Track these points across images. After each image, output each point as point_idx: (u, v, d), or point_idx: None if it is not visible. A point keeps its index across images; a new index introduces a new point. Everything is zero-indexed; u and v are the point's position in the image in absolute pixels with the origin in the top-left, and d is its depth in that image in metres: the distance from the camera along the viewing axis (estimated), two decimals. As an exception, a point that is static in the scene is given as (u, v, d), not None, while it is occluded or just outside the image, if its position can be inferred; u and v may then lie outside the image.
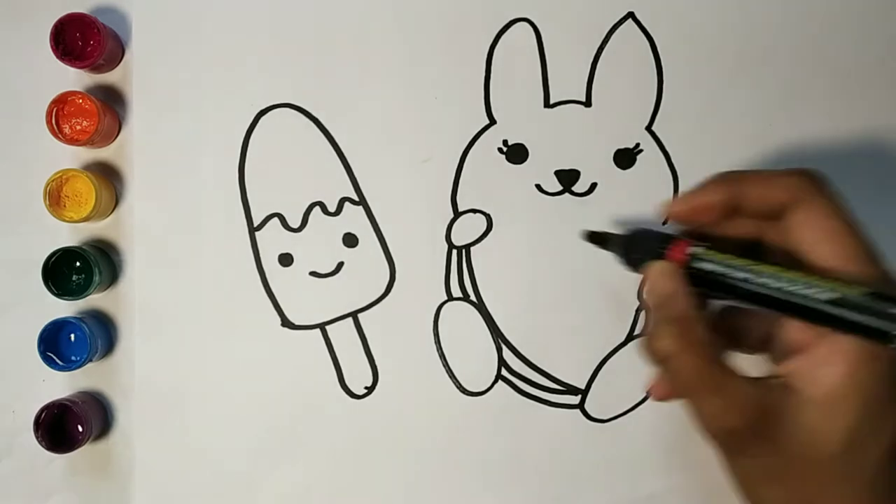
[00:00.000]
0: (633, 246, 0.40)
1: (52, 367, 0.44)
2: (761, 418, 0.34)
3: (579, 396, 0.46)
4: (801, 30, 0.46)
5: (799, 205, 0.35)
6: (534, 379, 0.46)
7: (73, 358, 0.44)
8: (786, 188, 0.35)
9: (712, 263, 0.36)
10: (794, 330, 0.36)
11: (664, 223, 0.46)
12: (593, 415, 0.46)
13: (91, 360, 0.44)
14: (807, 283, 0.34)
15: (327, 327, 0.46)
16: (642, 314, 0.46)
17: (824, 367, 0.33)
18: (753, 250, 0.38)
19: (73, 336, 0.44)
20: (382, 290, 0.46)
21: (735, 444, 0.35)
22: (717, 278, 0.36)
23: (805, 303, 0.34)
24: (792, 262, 0.36)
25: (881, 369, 0.33)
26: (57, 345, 0.44)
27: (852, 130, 0.46)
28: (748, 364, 0.38)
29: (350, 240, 0.46)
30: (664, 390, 0.40)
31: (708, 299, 0.38)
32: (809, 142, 0.46)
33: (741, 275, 0.36)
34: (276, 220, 0.46)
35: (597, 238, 0.43)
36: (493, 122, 0.46)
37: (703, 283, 0.37)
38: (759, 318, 0.39)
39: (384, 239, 0.46)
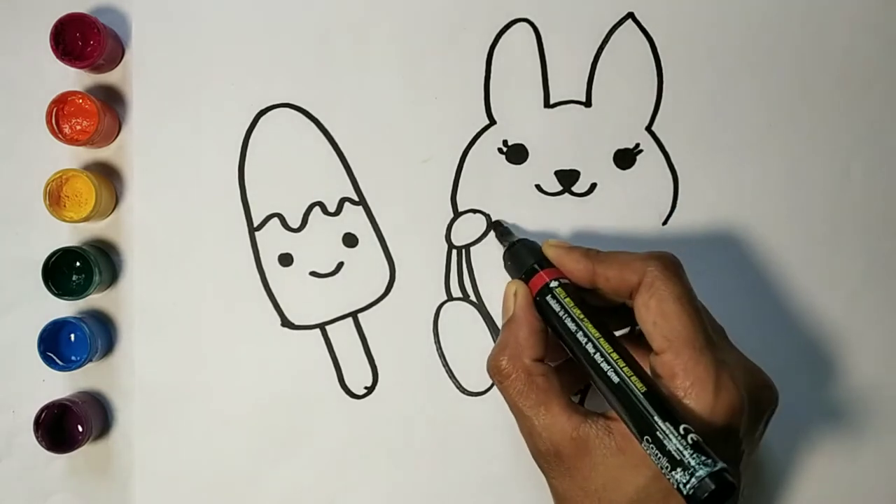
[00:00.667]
0: (513, 254, 0.42)
1: (52, 367, 0.44)
2: (569, 449, 0.36)
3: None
4: (801, 30, 0.46)
5: (643, 287, 0.37)
6: (534, 379, 0.46)
7: (73, 358, 0.44)
8: (635, 271, 0.37)
9: (557, 304, 0.38)
10: None
11: (664, 223, 0.46)
12: (593, 415, 0.46)
13: (91, 360, 0.44)
14: (616, 367, 0.36)
15: (327, 327, 0.46)
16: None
17: None
18: (620, 313, 0.40)
19: (73, 336, 0.44)
20: (382, 290, 0.46)
21: (543, 465, 0.38)
22: (553, 318, 0.38)
23: (603, 383, 0.36)
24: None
25: None
26: (57, 345, 0.44)
27: (852, 130, 0.46)
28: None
29: (350, 240, 0.46)
30: None
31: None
32: (809, 142, 0.46)
33: (571, 326, 0.38)
34: (276, 220, 0.46)
35: (498, 230, 0.45)
36: (493, 122, 0.46)
37: (546, 319, 0.39)
38: None
39: (384, 239, 0.46)
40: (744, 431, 0.36)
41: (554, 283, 0.39)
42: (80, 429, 0.44)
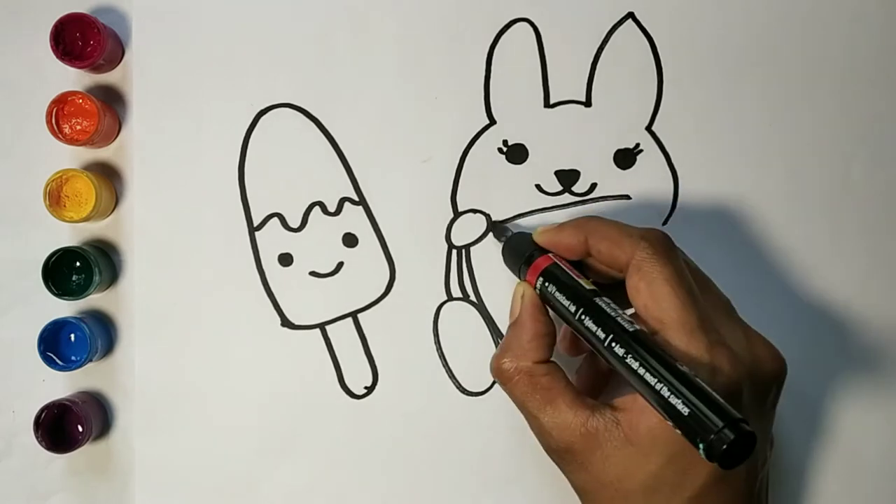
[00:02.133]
0: (509, 250, 0.43)
1: (52, 367, 0.44)
2: (581, 444, 0.36)
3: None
4: (801, 30, 0.46)
5: (633, 269, 0.37)
6: (534, 379, 0.46)
7: (73, 358, 0.44)
8: (624, 251, 0.37)
9: (552, 286, 0.39)
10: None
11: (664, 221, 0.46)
12: (593, 415, 0.46)
13: (91, 360, 0.44)
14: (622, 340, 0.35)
15: (327, 327, 0.46)
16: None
17: (642, 415, 0.35)
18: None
19: (73, 336, 0.44)
20: (382, 290, 0.46)
21: (559, 461, 0.38)
22: (554, 303, 0.39)
23: (620, 365, 0.35)
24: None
25: None
26: (57, 345, 0.44)
27: (852, 130, 0.46)
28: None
29: (350, 240, 0.46)
30: None
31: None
32: (809, 142, 0.46)
33: (565, 303, 0.38)
34: (276, 220, 0.46)
35: (496, 228, 0.45)
36: (493, 122, 0.46)
37: (551, 307, 0.39)
38: None
39: (384, 239, 0.46)
40: (746, 408, 0.36)
41: (549, 272, 0.39)
42: (80, 429, 0.44)
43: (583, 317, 0.37)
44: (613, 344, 0.35)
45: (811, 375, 0.46)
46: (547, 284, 0.39)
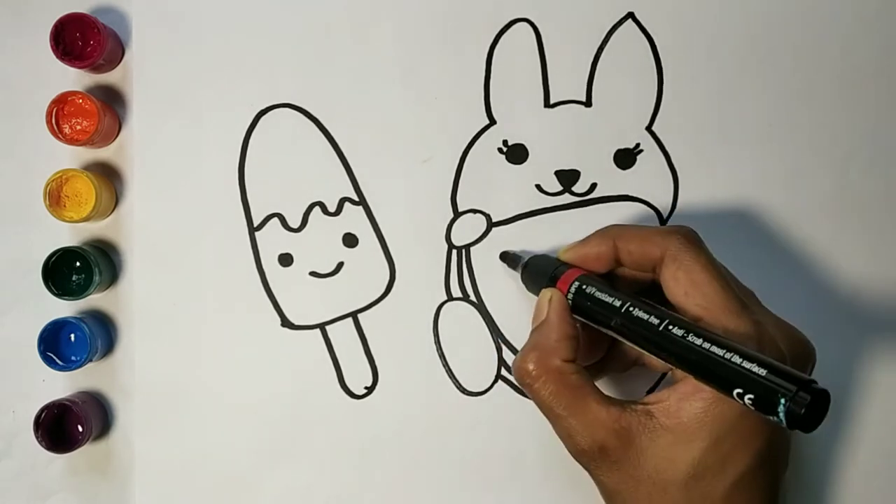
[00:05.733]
0: (529, 271, 0.43)
1: (52, 367, 0.44)
2: (613, 441, 0.36)
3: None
4: (801, 30, 0.46)
5: (668, 260, 0.38)
6: (534, 379, 0.46)
7: (73, 358, 0.44)
8: (657, 245, 0.38)
9: (597, 291, 0.38)
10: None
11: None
12: (593, 415, 0.46)
13: (91, 360, 0.44)
14: (685, 329, 0.35)
15: (327, 327, 0.46)
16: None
17: (684, 402, 0.35)
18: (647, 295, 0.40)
19: (73, 336, 0.44)
20: (382, 290, 0.46)
21: (588, 463, 0.38)
22: (597, 307, 0.38)
23: (676, 347, 0.34)
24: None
25: (734, 413, 0.35)
26: (57, 345, 0.44)
27: (852, 130, 0.46)
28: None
29: (350, 240, 0.46)
30: None
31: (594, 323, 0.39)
32: (809, 142, 0.46)
33: (618, 304, 0.37)
34: (276, 220, 0.46)
35: (507, 258, 0.45)
36: (493, 122, 0.46)
37: (585, 313, 0.39)
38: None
39: (384, 239, 0.46)
40: None
41: (583, 278, 0.39)
42: (80, 429, 0.44)
43: (630, 308, 0.36)
44: (670, 326, 0.35)
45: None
46: (584, 287, 0.39)
